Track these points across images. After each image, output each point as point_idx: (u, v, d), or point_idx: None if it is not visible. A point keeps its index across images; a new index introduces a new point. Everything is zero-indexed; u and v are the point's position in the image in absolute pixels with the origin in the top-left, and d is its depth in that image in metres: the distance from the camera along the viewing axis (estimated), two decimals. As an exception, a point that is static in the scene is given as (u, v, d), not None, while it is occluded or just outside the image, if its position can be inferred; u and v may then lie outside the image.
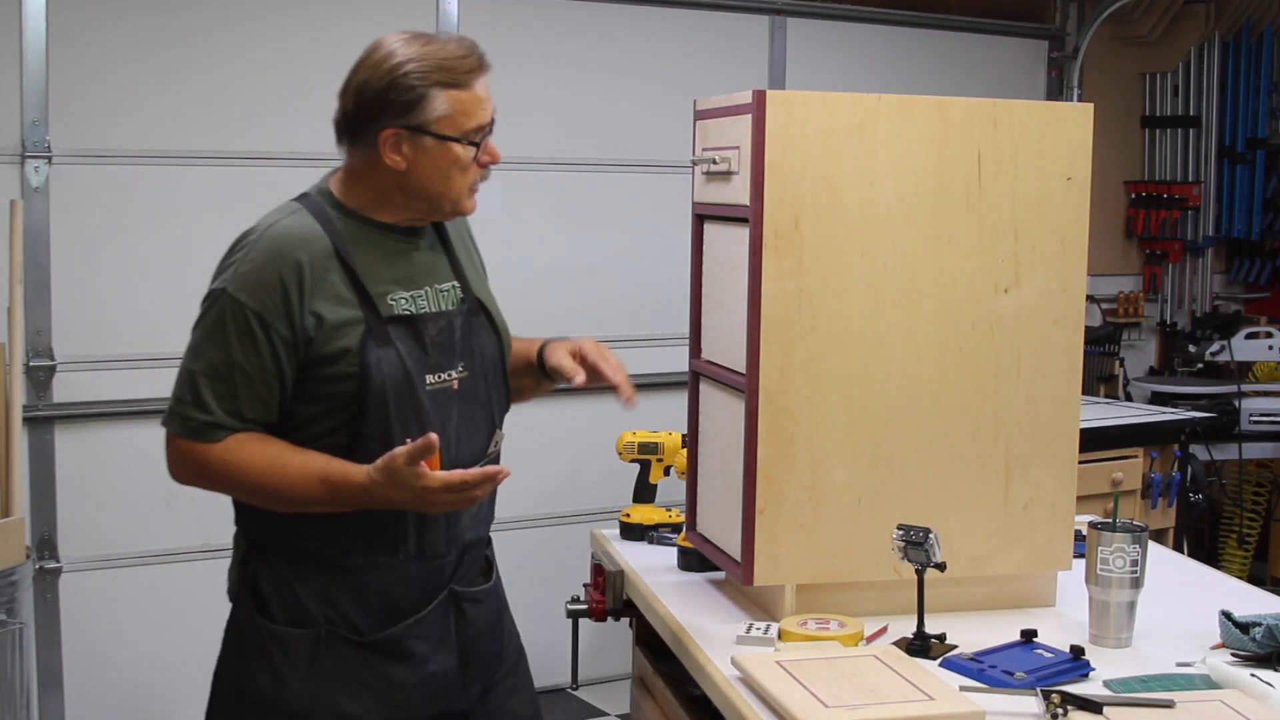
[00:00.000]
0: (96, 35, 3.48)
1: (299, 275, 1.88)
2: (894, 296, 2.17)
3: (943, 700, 1.78)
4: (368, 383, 1.88)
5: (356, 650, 1.95)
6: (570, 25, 4.10)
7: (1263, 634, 1.97)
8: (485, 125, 1.94)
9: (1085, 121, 2.23)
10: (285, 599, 1.96)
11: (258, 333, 1.86)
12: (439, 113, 1.90)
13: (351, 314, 1.89)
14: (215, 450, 1.88)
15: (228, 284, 1.89)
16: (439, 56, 1.91)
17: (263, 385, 1.87)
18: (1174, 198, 5.29)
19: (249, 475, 1.88)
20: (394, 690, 1.96)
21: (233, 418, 1.88)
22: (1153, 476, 4.21)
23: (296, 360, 1.88)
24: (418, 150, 1.92)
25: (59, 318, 3.48)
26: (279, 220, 1.95)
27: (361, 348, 1.88)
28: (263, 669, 1.95)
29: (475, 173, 1.96)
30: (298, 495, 1.87)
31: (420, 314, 1.95)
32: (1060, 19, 5.05)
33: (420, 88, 1.89)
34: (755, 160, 2.10)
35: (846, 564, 2.19)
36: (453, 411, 1.97)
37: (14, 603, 2.94)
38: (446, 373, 1.97)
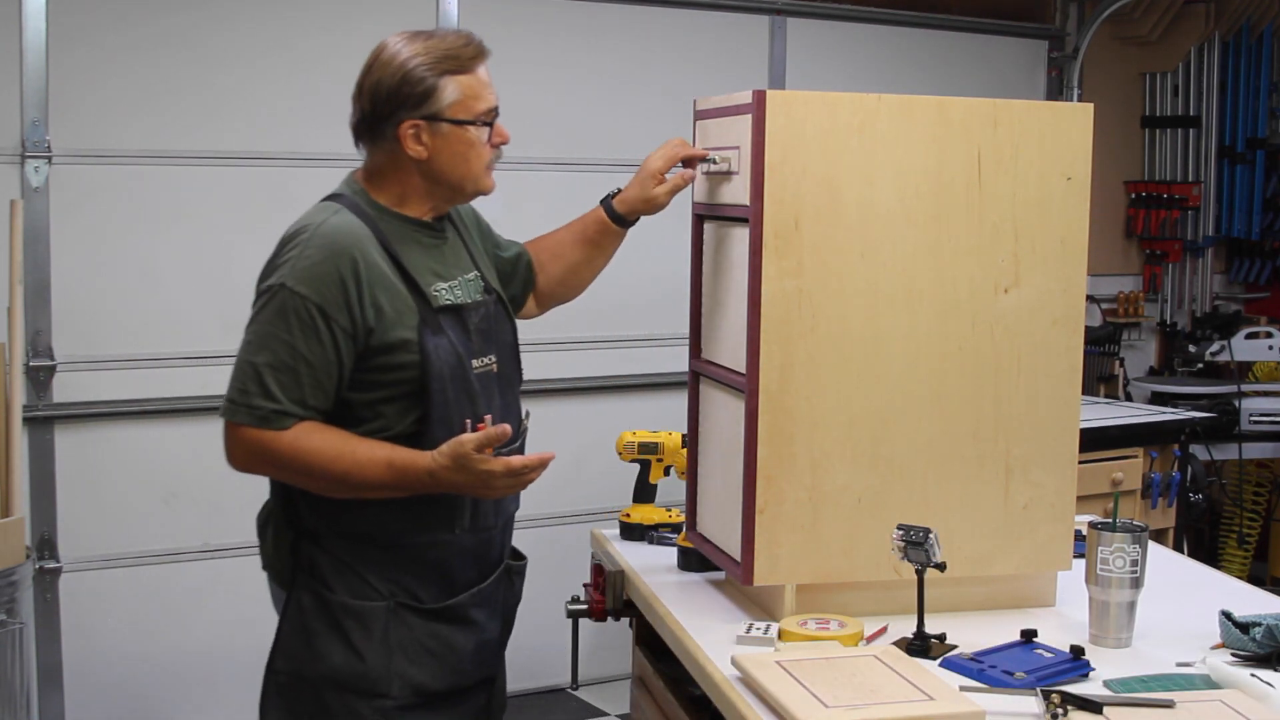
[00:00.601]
0: (97, 35, 3.48)
1: (355, 269, 1.98)
2: (894, 296, 2.17)
3: (943, 700, 1.78)
4: (428, 369, 2.00)
5: (423, 619, 2.07)
6: (570, 25, 4.10)
7: (1263, 634, 1.97)
8: (493, 108, 2.09)
9: (1085, 121, 2.23)
10: (349, 579, 2.06)
11: (319, 325, 1.96)
12: (451, 99, 2.04)
13: (406, 305, 2.02)
14: (285, 438, 1.97)
15: (286, 279, 1.97)
16: (442, 48, 2.05)
17: (325, 375, 1.98)
18: (1174, 198, 5.29)
19: (318, 461, 1.97)
20: (455, 655, 2.11)
21: (298, 406, 1.97)
22: (1153, 476, 4.21)
23: (355, 350, 1.99)
24: (436, 137, 2.05)
25: (59, 318, 3.49)
26: (328, 219, 2.04)
27: (420, 337, 2.00)
28: (335, 648, 2.04)
29: (489, 153, 2.10)
30: (365, 480, 1.97)
31: (463, 303, 2.10)
32: (1060, 19, 5.05)
33: (430, 78, 2.03)
34: (755, 160, 2.10)
35: (846, 564, 2.19)
36: (495, 393, 2.12)
37: (14, 603, 2.94)
38: (488, 357, 2.12)
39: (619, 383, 4.18)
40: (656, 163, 2.28)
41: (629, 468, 2.75)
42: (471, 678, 2.16)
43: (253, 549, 3.72)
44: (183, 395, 3.64)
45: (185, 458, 3.65)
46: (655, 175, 2.28)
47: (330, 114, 3.79)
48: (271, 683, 2.10)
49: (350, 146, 3.80)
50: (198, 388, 3.65)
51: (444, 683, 2.10)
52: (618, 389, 4.18)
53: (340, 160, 3.78)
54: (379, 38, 3.86)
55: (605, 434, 2.91)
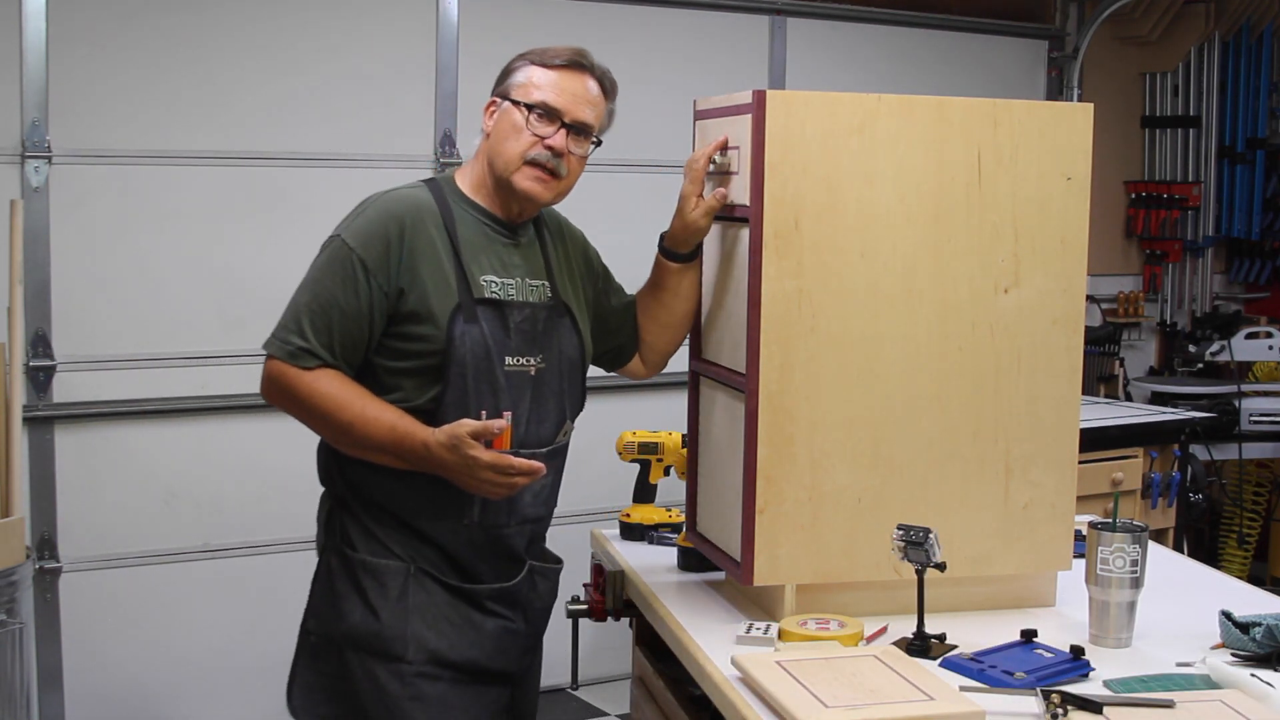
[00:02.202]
0: (96, 35, 3.48)
1: (402, 233, 2.07)
2: (894, 296, 2.17)
3: (943, 700, 1.78)
4: (451, 353, 2.06)
5: (444, 590, 2.13)
6: (570, 25, 4.10)
7: (1263, 634, 1.97)
8: (554, 107, 2.12)
9: (1085, 121, 2.23)
10: (373, 543, 2.13)
11: (360, 278, 2.05)
12: (518, 81, 2.15)
13: (446, 284, 2.08)
14: (306, 377, 2.06)
15: (343, 231, 2.10)
16: (543, 47, 2.18)
17: (355, 326, 2.06)
18: (1174, 198, 5.29)
19: (329, 405, 2.05)
20: (475, 630, 2.14)
21: (326, 350, 2.06)
22: (1153, 476, 4.21)
23: (386, 309, 2.06)
24: (499, 113, 2.17)
25: (59, 318, 3.48)
26: (401, 189, 2.17)
27: (450, 320, 2.06)
28: (355, 606, 2.11)
29: (530, 143, 2.12)
30: (366, 435, 2.04)
31: (509, 300, 2.13)
32: (1060, 19, 5.05)
33: (516, 64, 2.18)
34: (755, 160, 2.10)
35: (846, 564, 2.19)
36: (527, 394, 2.14)
37: (14, 603, 2.94)
38: (526, 358, 2.15)
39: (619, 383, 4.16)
40: (685, 187, 2.26)
41: (629, 468, 2.75)
42: (494, 661, 2.17)
43: (253, 549, 3.76)
44: (183, 395, 3.64)
45: (185, 458, 3.65)
46: (688, 199, 2.25)
47: (330, 114, 3.81)
48: (304, 643, 2.19)
49: (350, 146, 3.82)
50: (198, 388, 3.65)
51: (462, 655, 2.12)
52: (618, 389, 4.18)
53: (340, 160, 3.80)
54: (378, 38, 3.89)
55: (605, 434, 2.90)
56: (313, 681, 2.17)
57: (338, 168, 3.78)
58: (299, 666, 2.20)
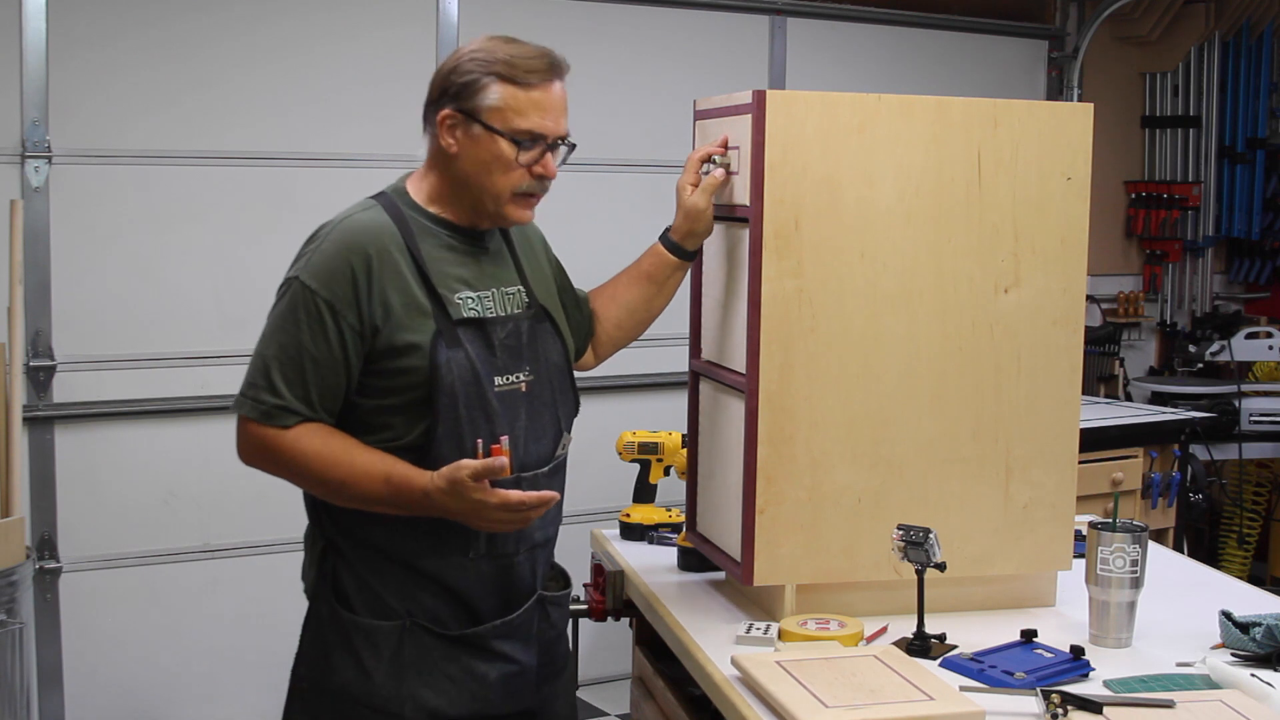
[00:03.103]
0: (97, 36, 3.48)
1: (368, 265, 1.92)
2: (894, 296, 2.17)
3: (943, 700, 1.78)
4: (438, 382, 1.91)
5: (441, 643, 1.98)
6: (570, 25, 4.10)
7: (1263, 634, 1.97)
8: (541, 134, 1.98)
9: (1085, 121, 2.23)
10: (366, 594, 1.99)
11: (328, 321, 1.90)
12: (490, 102, 1.95)
13: (420, 310, 1.94)
14: (287, 437, 1.92)
15: (300, 272, 1.93)
16: (508, 52, 1.98)
17: (331, 373, 1.92)
18: (1174, 198, 5.29)
19: (317, 465, 1.92)
20: (477, 684, 2.00)
21: (304, 404, 1.92)
22: (1153, 476, 4.21)
23: (363, 350, 1.92)
24: (468, 137, 1.97)
25: (59, 318, 3.48)
26: (353, 214, 2.00)
27: (432, 349, 1.92)
28: (346, 663, 1.98)
29: (520, 178, 1.98)
30: (362, 491, 1.91)
31: (489, 317, 2.00)
32: (1060, 19, 5.05)
33: (478, 74, 1.96)
34: (755, 160, 2.10)
35: (846, 564, 2.19)
36: (521, 413, 2.01)
37: (14, 603, 2.94)
38: (515, 375, 2.01)
39: (619, 383, 4.17)
40: (681, 178, 2.21)
41: (629, 468, 2.75)
42: (498, 709, 2.03)
43: (253, 549, 3.76)
44: (183, 395, 3.64)
45: (185, 458, 3.65)
46: (684, 188, 2.20)
47: (330, 114, 3.81)
48: (296, 690, 2.07)
49: (350, 147, 3.82)
50: (198, 388, 3.65)
51: (464, 709, 1.99)
52: (618, 389, 4.18)
53: (341, 160, 3.80)
54: (378, 38, 3.89)
55: (605, 434, 2.90)
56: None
57: (338, 168, 3.78)
58: (292, 712, 2.08)
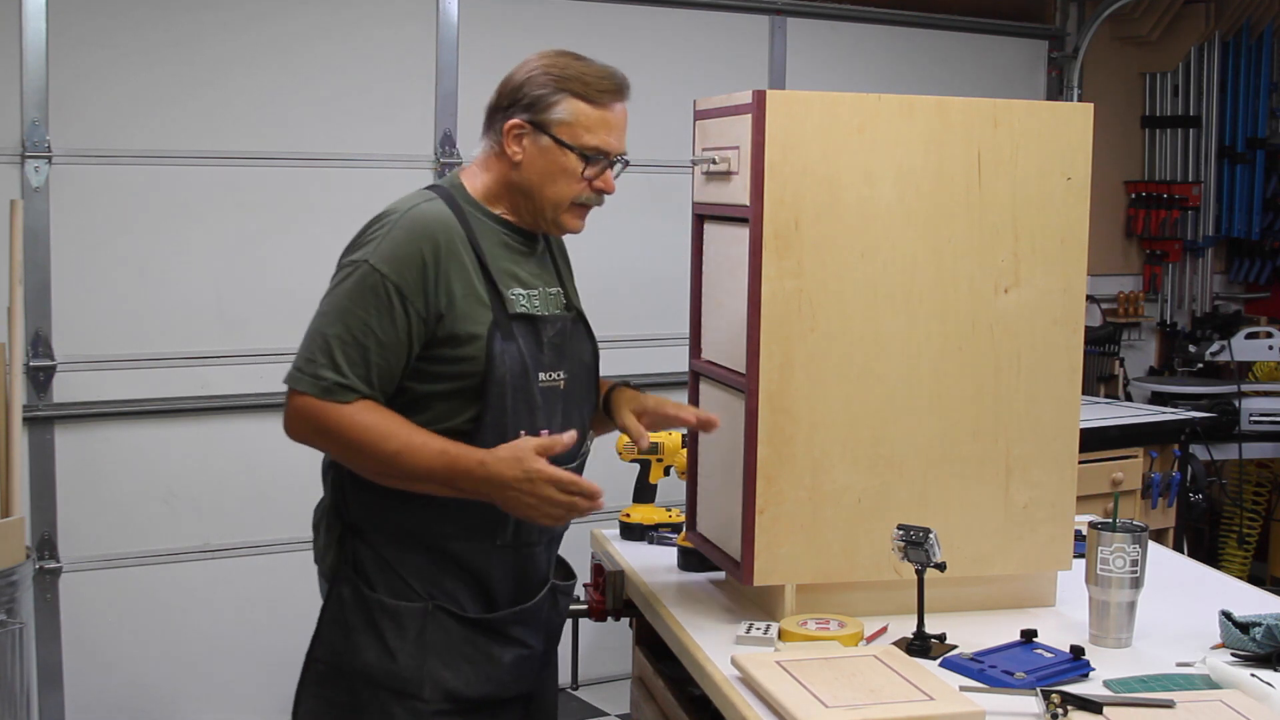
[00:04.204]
0: (97, 35, 3.48)
1: (437, 254, 1.99)
2: (894, 296, 2.17)
3: (943, 700, 1.78)
4: (491, 372, 1.99)
5: (461, 626, 2.05)
6: (570, 25, 4.10)
7: (1263, 634, 1.97)
8: (606, 151, 2.06)
9: (1085, 121, 2.23)
10: (389, 577, 2.05)
11: (395, 305, 1.96)
12: (561, 117, 2.03)
13: (480, 302, 2.01)
14: (346, 411, 1.96)
15: (369, 256, 1.98)
16: (579, 69, 2.06)
17: (393, 356, 1.98)
18: (1174, 198, 5.29)
19: (372, 437, 1.96)
20: (492, 666, 2.08)
21: (364, 383, 1.97)
22: (1153, 476, 4.21)
23: (424, 336, 1.99)
24: (535, 146, 2.05)
25: (59, 318, 3.48)
26: (419, 204, 2.05)
27: (489, 338, 1.99)
28: (370, 644, 2.04)
29: (581, 190, 2.06)
30: (415, 464, 1.95)
31: (540, 315, 2.08)
32: (1060, 19, 5.05)
33: (552, 88, 2.04)
34: (755, 160, 2.10)
35: (846, 564, 2.19)
36: (558, 410, 2.09)
37: (14, 603, 2.94)
38: (557, 372, 2.09)
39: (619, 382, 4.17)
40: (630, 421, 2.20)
41: (629, 468, 2.75)
42: (509, 690, 2.11)
43: (253, 549, 3.76)
44: (183, 395, 3.64)
45: (185, 458, 3.65)
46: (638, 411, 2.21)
47: (330, 114, 3.81)
48: (311, 671, 2.10)
49: (350, 146, 3.82)
50: (198, 388, 3.65)
51: (479, 690, 2.06)
52: (618, 389, 4.18)
53: (341, 160, 3.81)
54: (379, 38, 3.89)
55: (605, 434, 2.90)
56: (321, 710, 2.09)
57: (338, 168, 3.78)
58: (305, 694, 2.11)
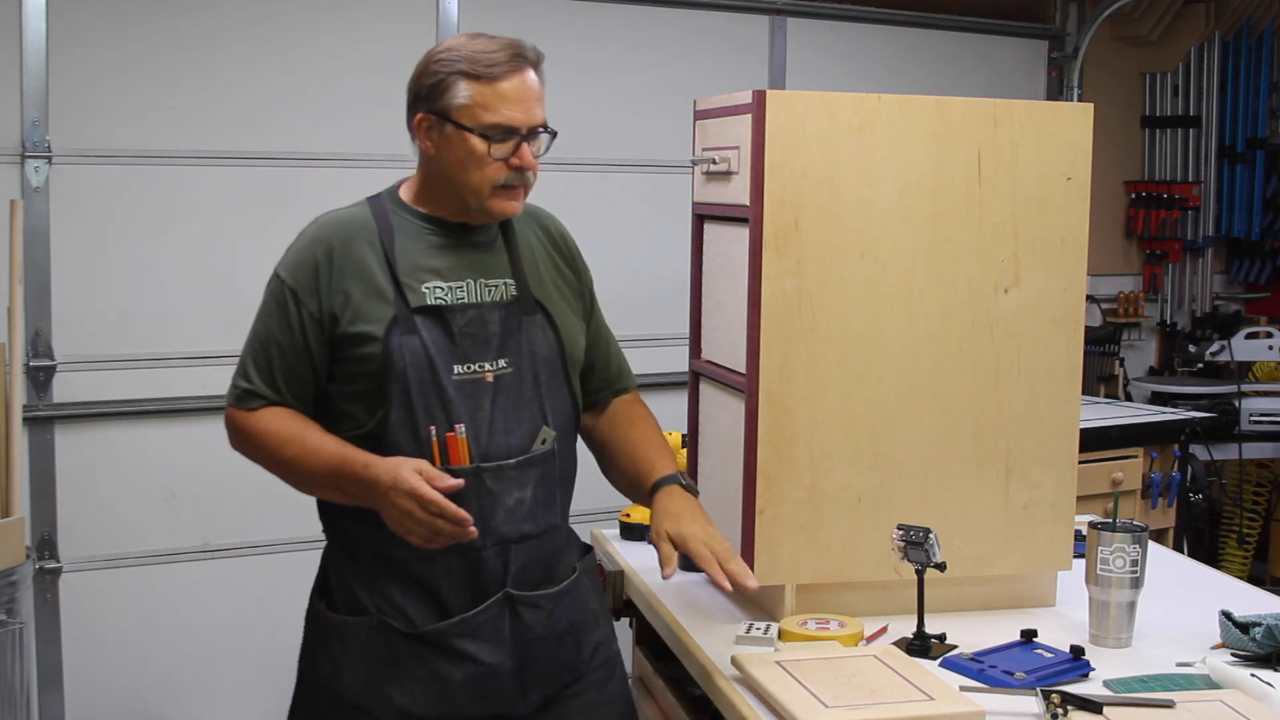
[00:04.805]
0: (97, 35, 3.48)
1: (330, 256, 1.99)
2: (894, 296, 2.17)
3: (943, 700, 1.78)
4: (390, 369, 1.95)
5: (406, 641, 1.98)
6: (570, 25, 4.10)
7: (1263, 634, 1.97)
8: (512, 127, 1.96)
9: (1085, 121, 2.23)
10: (345, 590, 2.03)
11: (291, 309, 1.98)
12: (458, 101, 1.96)
13: (383, 299, 1.97)
14: (251, 419, 2.00)
15: (279, 265, 2.04)
16: (472, 49, 1.98)
17: (295, 360, 1.99)
18: (1174, 198, 5.29)
19: (272, 443, 1.98)
20: (442, 685, 1.98)
21: (270, 389, 1.99)
22: (1153, 476, 4.21)
23: (325, 338, 1.98)
24: (442, 137, 1.99)
25: (59, 318, 3.48)
26: (337, 210, 2.08)
27: (386, 335, 1.95)
28: (325, 658, 2.03)
29: (497, 171, 1.98)
30: (310, 469, 1.95)
31: (450, 305, 2.00)
32: (1060, 19, 5.05)
33: (443, 74, 1.97)
34: (755, 160, 2.10)
35: (846, 564, 2.19)
36: (485, 402, 1.99)
37: (14, 603, 2.94)
38: (478, 364, 2.00)
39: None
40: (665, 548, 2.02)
41: (629, 468, 2.74)
42: (470, 712, 1.99)
43: (253, 549, 3.76)
44: (183, 395, 3.64)
45: (185, 458, 3.65)
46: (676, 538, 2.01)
47: (330, 114, 3.81)
48: (298, 680, 2.11)
49: (350, 146, 3.82)
50: (198, 388, 3.65)
51: (431, 711, 1.97)
52: (618, 389, 4.18)
53: (341, 160, 3.80)
54: (379, 37, 3.88)
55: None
56: None
57: (338, 168, 3.78)
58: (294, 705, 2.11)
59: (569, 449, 2.12)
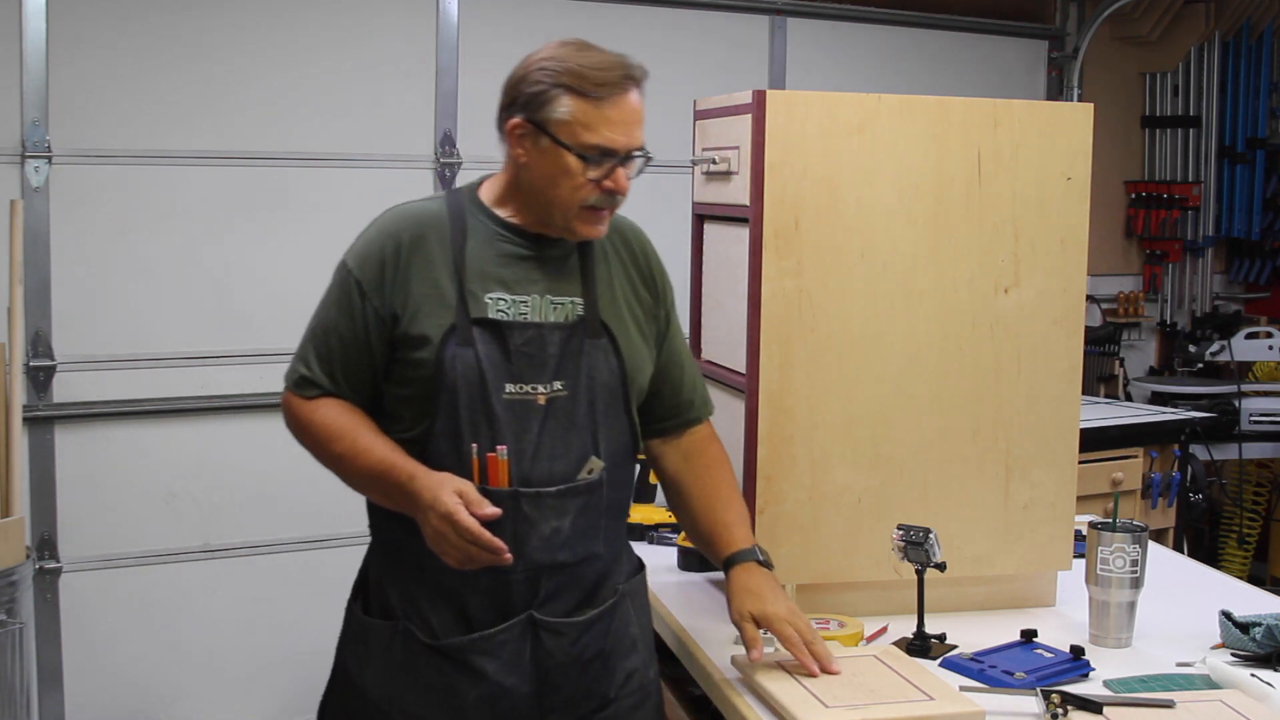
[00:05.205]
0: (96, 36, 3.48)
1: (398, 251, 1.93)
2: (894, 296, 2.17)
3: (943, 700, 1.78)
4: (441, 379, 1.89)
5: (426, 651, 1.94)
6: (570, 25, 4.09)
7: (1263, 634, 1.97)
8: (611, 149, 1.88)
9: (1085, 121, 2.23)
10: (379, 591, 2.00)
11: (355, 300, 1.93)
12: (559, 115, 1.87)
13: (444, 303, 1.91)
14: (307, 407, 1.96)
15: (348, 253, 1.98)
16: (578, 62, 1.89)
17: (355, 353, 1.94)
18: (1174, 198, 5.29)
19: (324, 435, 1.94)
20: (457, 700, 1.93)
21: (328, 379, 1.95)
22: (1153, 476, 4.21)
23: (385, 336, 1.93)
24: (536, 148, 1.90)
25: (59, 318, 3.48)
26: (412, 203, 2.01)
27: (441, 343, 1.90)
28: (353, 656, 2.01)
29: (589, 192, 1.90)
30: (358, 468, 1.91)
31: (512, 320, 1.92)
32: (1060, 19, 5.05)
33: (547, 85, 1.88)
34: (755, 160, 2.10)
35: (846, 564, 2.19)
36: (533, 425, 1.91)
37: (14, 603, 2.94)
38: (532, 385, 1.92)
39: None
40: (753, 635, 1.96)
41: (629, 468, 2.74)
42: None
43: (253, 549, 3.76)
44: (183, 395, 3.64)
45: (185, 458, 3.65)
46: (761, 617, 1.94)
47: (330, 114, 3.81)
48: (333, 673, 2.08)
49: (350, 146, 3.82)
50: (198, 388, 3.65)
51: None
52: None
53: (341, 160, 3.80)
54: (378, 38, 3.88)
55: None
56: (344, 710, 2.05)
57: (338, 168, 3.78)
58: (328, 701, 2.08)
59: (622, 478, 2.02)
